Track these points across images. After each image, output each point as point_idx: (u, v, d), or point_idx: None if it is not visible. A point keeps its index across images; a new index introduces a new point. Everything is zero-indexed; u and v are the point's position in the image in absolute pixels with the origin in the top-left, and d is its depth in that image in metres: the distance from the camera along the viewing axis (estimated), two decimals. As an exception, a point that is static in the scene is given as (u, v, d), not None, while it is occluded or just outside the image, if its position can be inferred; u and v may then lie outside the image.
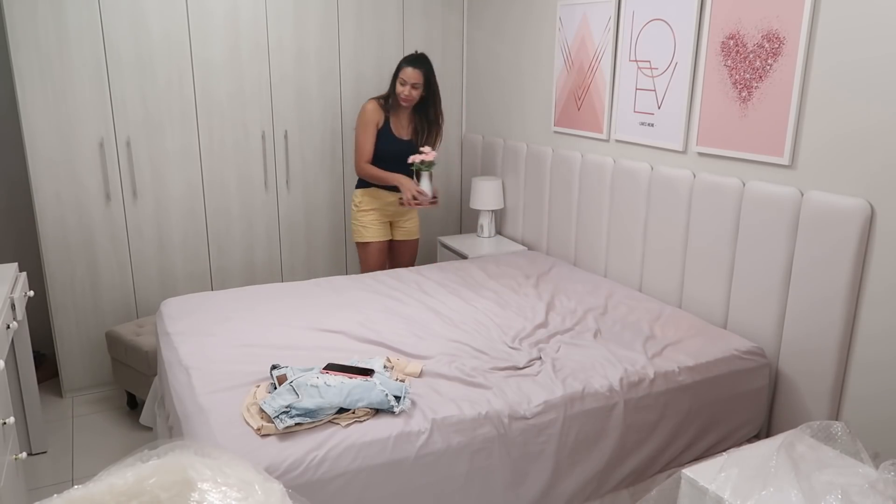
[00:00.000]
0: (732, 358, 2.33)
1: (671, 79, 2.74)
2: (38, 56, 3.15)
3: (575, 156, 3.29)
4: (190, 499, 1.23)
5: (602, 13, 3.06)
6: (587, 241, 3.28)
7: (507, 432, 1.95)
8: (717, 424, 2.32)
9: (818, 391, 2.28)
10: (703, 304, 2.68)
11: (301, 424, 1.82)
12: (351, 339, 2.44)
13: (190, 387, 2.09)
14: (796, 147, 2.30)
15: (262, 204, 3.80)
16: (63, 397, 3.49)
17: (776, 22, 2.31)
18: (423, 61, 3.40)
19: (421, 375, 2.15)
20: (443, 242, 3.95)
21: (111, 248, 3.46)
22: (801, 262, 2.27)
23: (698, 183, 2.63)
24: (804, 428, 1.75)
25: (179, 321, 2.59)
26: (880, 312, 2.10)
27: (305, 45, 3.71)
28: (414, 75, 3.35)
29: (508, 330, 2.53)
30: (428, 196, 3.42)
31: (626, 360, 2.26)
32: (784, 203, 2.30)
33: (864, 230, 2.09)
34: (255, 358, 2.26)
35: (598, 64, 3.12)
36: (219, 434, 1.81)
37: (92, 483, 1.26)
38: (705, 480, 1.72)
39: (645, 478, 2.21)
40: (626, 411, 2.12)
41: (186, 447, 1.35)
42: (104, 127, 3.34)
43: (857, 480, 1.59)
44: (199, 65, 3.48)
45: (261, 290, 2.95)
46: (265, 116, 3.70)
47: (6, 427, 2.08)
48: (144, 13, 3.31)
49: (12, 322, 2.38)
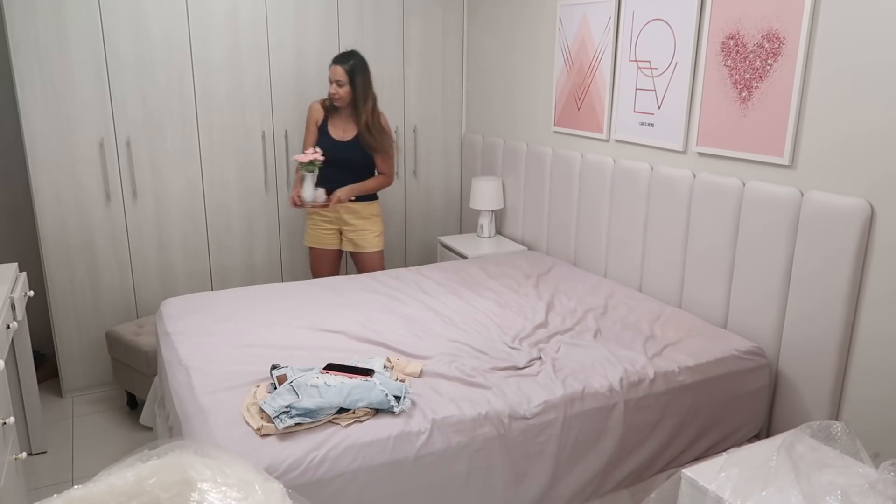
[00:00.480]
0: (732, 358, 2.33)
1: (671, 79, 2.74)
2: (38, 56, 3.15)
3: (575, 156, 3.30)
4: (190, 499, 1.23)
5: (602, 13, 3.06)
6: (587, 241, 3.28)
7: (507, 432, 1.95)
8: (717, 424, 2.32)
9: (818, 391, 2.28)
10: (703, 305, 2.68)
11: (301, 424, 1.82)
12: (351, 339, 2.44)
13: (190, 387, 2.09)
14: (796, 147, 2.30)
15: (262, 204, 3.80)
16: (63, 397, 3.49)
17: (776, 22, 2.31)
18: (348, 57, 3.26)
19: (421, 375, 2.15)
20: (443, 242, 3.95)
21: (111, 248, 3.46)
22: (801, 262, 2.27)
23: (698, 183, 2.63)
24: (804, 428, 1.75)
25: (179, 321, 2.59)
26: (880, 312, 2.10)
27: (305, 45, 3.71)
28: (337, 72, 3.23)
29: (508, 330, 2.53)
30: (307, 201, 3.25)
31: (626, 360, 2.26)
32: (784, 203, 2.30)
33: (865, 230, 2.09)
34: (255, 358, 2.26)
35: (598, 64, 3.12)
36: (219, 434, 1.81)
37: (92, 483, 1.26)
38: (705, 480, 1.72)
39: (645, 478, 2.21)
40: (626, 411, 2.12)
41: (186, 447, 1.35)
42: (104, 127, 3.34)
43: (857, 481, 1.59)
44: (199, 65, 3.48)
45: (261, 290, 2.95)
46: (265, 116, 3.70)
47: (6, 427, 2.08)
48: (144, 13, 3.31)
49: (12, 322, 2.38)
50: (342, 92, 3.26)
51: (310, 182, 3.23)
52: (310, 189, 3.24)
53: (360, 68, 3.27)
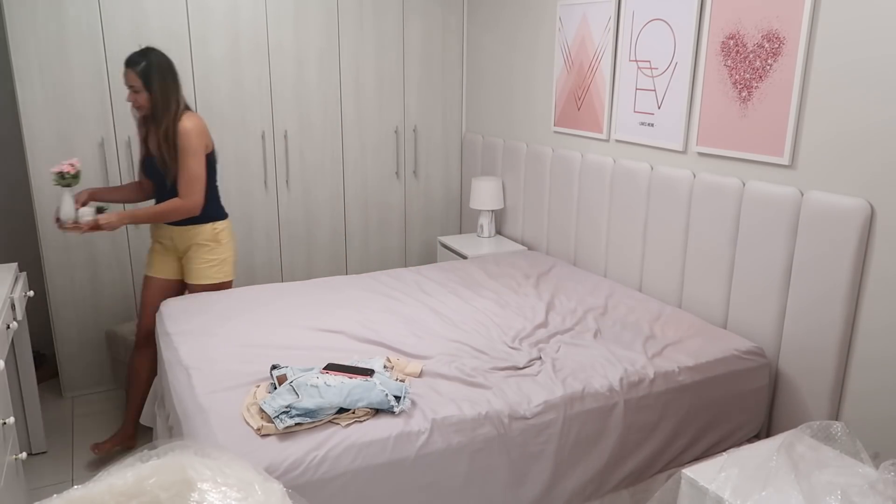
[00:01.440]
0: (732, 358, 2.33)
1: (671, 79, 2.74)
2: (38, 56, 3.15)
3: (575, 156, 3.30)
4: (190, 499, 1.23)
5: (602, 13, 3.06)
6: (587, 241, 3.28)
7: (507, 432, 1.95)
8: (717, 424, 2.32)
9: (818, 391, 2.28)
10: (703, 304, 2.68)
11: (301, 424, 1.82)
12: (351, 339, 2.44)
13: (190, 387, 2.09)
14: (796, 147, 2.30)
15: (262, 204, 3.80)
16: (63, 397, 3.49)
17: (776, 22, 2.31)
18: (140, 58, 2.70)
19: (421, 375, 2.15)
20: (443, 242, 3.95)
21: (111, 247, 3.46)
22: (801, 262, 2.27)
23: (698, 183, 2.63)
24: (804, 428, 1.75)
25: (179, 321, 2.59)
26: (880, 313, 2.10)
27: (305, 45, 3.71)
28: (129, 76, 2.70)
29: (508, 330, 2.53)
30: (63, 221, 2.67)
31: (626, 360, 2.26)
32: (784, 203, 2.30)
33: (864, 230, 2.09)
34: (255, 358, 2.26)
35: (598, 64, 3.12)
36: (219, 434, 1.81)
37: (92, 483, 1.26)
38: (705, 480, 1.72)
39: (645, 478, 2.21)
40: (626, 411, 2.12)
41: (186, 447, 1.35)
42: (104, 127, 3.34)
43: (857, 480, 1.59)
44: (199, 64, 3.48)
45: (261, 290, 2.95)
46: (265, 116, 3.70)
47: (6, 427, 2.08)
48: (144, 13, 3.31)
49: (12, 322, 2.38)
50: (140, 99, 2.71)
51: (67, 198, 2.68)
52: (67, 207, 2.67)
53: (157, 70, 2.70)
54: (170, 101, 2.73)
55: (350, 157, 3.97)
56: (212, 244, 2.90)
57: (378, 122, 4.01)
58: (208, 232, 2.88)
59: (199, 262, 2.89)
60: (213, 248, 2.90)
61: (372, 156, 4.04)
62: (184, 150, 2.73)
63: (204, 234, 2.88)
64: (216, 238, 2.90)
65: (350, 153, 3.97)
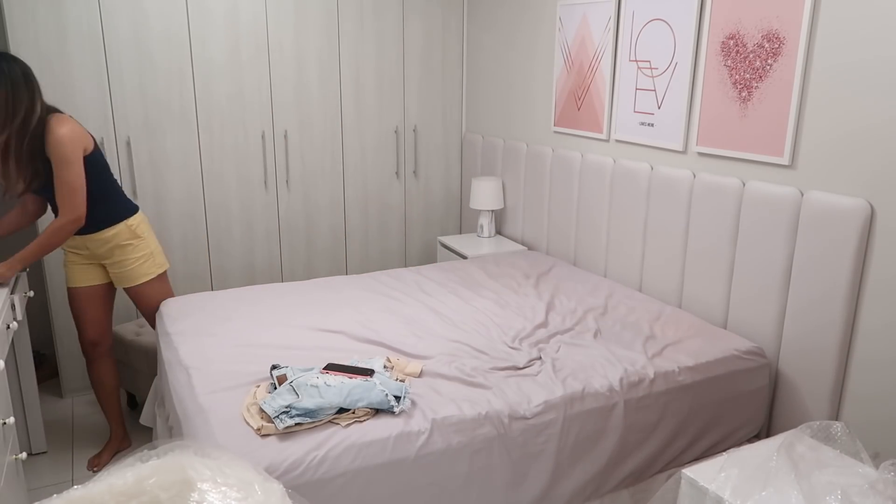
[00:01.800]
0: (732, 358, 2.33)
1: (671, 79, 2.74)
2: (38, 56, 3.15)
3: (575, 156, 3.30)
4: (190, 499, 1.24)
5: (602, 13, 3.06)
6: (587, 241, 3.28)
7: (507, 432, 1.95)
8: (717, 424, 2.32)
9: (818, 391, 2.28)
10: (703, 304, 2.68)
11: (301, 424, 1.82)
12: (351, 339, 2.44)
13: (190, 387, 2.09)
14: (796, 147, 2.30)
15: (262, 204, 3.80)
16: (63, 397, 3.49)
17: (776, 22, 2.31)
18: None
19: (421, 375, 2.15)
20: (443, 242, 3.95)
21: (111, 248, 3.46)
22: (801, 262, 2.27)
23: (698, 183, 2.63)
24: (804, 428, 1.75)
25: (179, 321, 2.59)
26: (880, 313, 2.10)
27: (305, 45, 3.71)
28: None
29: (508, 330, 2.53)
30: None
31: (626, 360, 2.26)
32: (784, 203, 2.30)
33: (864, 230, 2.09)
34: (255, 358, 2.26)
35: (598, 64, 3.12)
36: (219, 434, 1.81)
37: (92, 483, 1.26)
38: (705, 480, 1.72)
39: (645, 478, 2.21)
40: (626, 411, 2.12)
41: (186, 447, 1.35)
42: (104, 127, 3.34)
43: (857, 480, 1.59)
44: (199, 64, 3.48)
45: (261, 290, 2.95)
46: (265, 116, 3.70)
47: (6, 427, 2.08)
48: (144, 13, 3.31)
49: (12, 322, 2.38)
50: None
51: None
52: None
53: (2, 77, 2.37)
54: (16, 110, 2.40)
55: (350, 157, 3.97)
56: (134, 241, 2.77)
57: (378, 122, 4.01)
58: (126, 231, 2.75)
59: (129, 262, 2.77)
60: (136, 245, 2.78)
61: (372, 156, 4.04)
62: (58, 160, 2.46)
63: (122, 234, 2.74)
64: (135, 234, 2.78)
65: (350, 153, 3.97)
